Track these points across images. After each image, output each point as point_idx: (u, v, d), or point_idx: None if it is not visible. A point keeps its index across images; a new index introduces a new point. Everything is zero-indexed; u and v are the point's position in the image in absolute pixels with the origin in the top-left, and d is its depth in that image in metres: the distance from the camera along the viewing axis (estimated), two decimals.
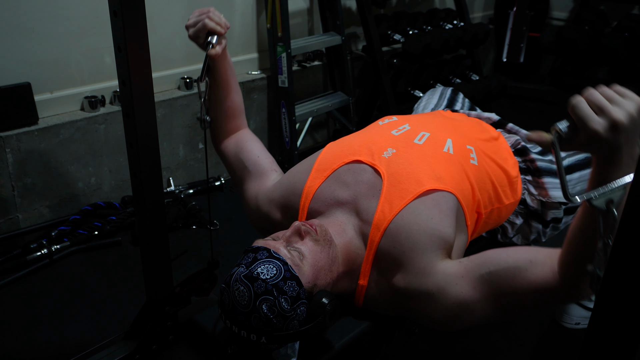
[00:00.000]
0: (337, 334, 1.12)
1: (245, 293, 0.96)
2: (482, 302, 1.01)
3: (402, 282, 1.06)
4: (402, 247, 1.06)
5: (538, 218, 1.37)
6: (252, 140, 1.39)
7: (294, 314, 0.98)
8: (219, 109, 1.35)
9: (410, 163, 1.16)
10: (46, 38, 2.03)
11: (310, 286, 1.01)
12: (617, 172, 0.78)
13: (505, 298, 1.00)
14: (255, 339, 0.98)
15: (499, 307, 1.01)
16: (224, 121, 1.38)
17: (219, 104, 1.35)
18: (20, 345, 1.61)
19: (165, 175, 2.44)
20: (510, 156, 1.36)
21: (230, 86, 1.33)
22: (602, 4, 4.09)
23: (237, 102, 1.38)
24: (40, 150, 2.04)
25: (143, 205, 1.12)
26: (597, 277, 0.72)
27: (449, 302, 1.02)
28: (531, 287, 0.96)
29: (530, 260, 0.98)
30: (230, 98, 1.35)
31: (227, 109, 1.36)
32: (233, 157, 1.38)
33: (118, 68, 1.02)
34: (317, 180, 1.20)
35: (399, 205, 1.09)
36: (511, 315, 1.04)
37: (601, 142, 0.76)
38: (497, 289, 0.99)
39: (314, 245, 1.05)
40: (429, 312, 1.05)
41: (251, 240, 1.09)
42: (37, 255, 1.94)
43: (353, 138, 1.28)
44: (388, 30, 3.15)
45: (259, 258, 1.00)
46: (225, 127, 1.39)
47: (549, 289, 0.95)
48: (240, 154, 1.36)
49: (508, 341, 1.68)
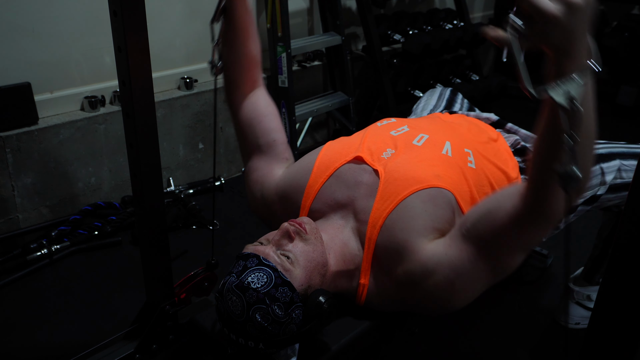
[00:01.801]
0: (337, 334, 1.12)
1: (238, 303, 0.96)
2: (472, 261, 1.01)
3: (402, 271, 1.06)
4: (397, 240, 1.07)
5: None
6: (271, 114, 1.31)
7: (289, 318, 0.98)
8: (234, 56, 1.24)
9: (409, 162, 1.16)
10: (46, 38, 2.03)
11: (304, 288, 1.01)
12: (572, 63, 0.77)
13: (489, 246, 1.00)
14: (253, 346, 0.98)
15: (489, 259, 1.01)
16: (239, 71, 1.27)
17: (234, 51, 1.23)
18: (20, 345, 1.61)
19: (165, 175, 2.44)
20: (511, 157, 1.36)
21: (249, 32, 1.23)
22: (602, 4, 4.08)
23: (254, 51, 1.26)
24: (40, 150, 2.04)
25: (143, 205, 1.12)
26: (568, 175, 0.74)
27: (444, 273, 1.02)
28: (506, 221, 0.96)
29: (497, 199, 1.00)
30: (247, 46, 1.24)
31: (242, 57, 1.25)
32: (247, 124, 1.30)
33: (118, 68, 1.02)
34: (318, 179, 1.20)
35: (394, 201, 1.10)
36: (503, 266, 1.03)
37: (556, 29, 0.75)
38: (479, 239, 1.00)
39: (304, 245, 1.05)
40: (431, 291, 1.04)
41: (251, 241, 1.09)
42: (37, 255, 1.93)
43: (353, 138, 1.29)
44: (388, 30, 3.15)
45: (249, 266, 0.99)
46: (239, 78, 1.28)
47: (523, 215, 0.95)
48: (257, 127, 1.29)
49: (508, 341, 1.68)
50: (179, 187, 2.46)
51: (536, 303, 1.85)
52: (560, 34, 0.76)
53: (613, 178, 1.35)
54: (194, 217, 2.26)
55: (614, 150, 1.39)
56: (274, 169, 1.28)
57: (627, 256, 0.59)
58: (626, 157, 1.37)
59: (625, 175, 1.35)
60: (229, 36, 1.20)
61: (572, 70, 0.77)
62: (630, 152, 1.39)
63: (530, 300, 1.85)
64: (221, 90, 1.30)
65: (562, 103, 0.74)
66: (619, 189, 1.36)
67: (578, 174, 0.73)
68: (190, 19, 2.41)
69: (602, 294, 0.62)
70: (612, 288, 0.61)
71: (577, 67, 0.77)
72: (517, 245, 1.00)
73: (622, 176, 1.35)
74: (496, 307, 1.81)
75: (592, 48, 0.79)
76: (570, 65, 0.77)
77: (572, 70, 0.77)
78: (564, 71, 0.77)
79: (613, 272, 0.61)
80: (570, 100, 0.74)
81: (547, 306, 1.82)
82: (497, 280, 1.06)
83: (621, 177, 1.36)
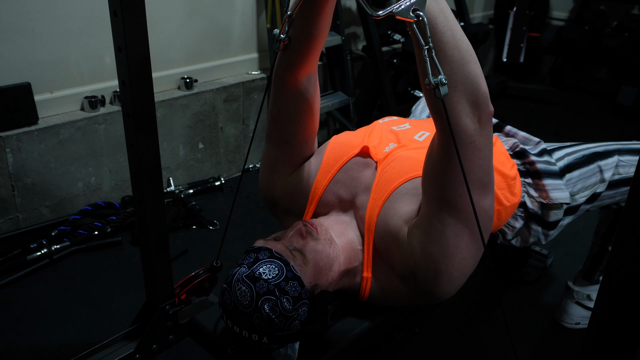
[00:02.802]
0: (338, 333, 1.12)
1: (247, 293, 0.96)
2: (446, 216, 1.00)
3: (398, 259, 1.07)
4: (390, 227, 1.08)
5: (538, 220, 1.37)
6: (316, 112, 1.23)
7: (296, 314, 0.98)
8: (303, 33, 1.07)
9: (409, 156, 1.18)
10: (46, 38, 2.03)
11: (312, 286, 1.02)
12: None
13: (446, 197, 0.98)
14: (256, 339, 0.98)
15: (454, 210, 0.99)
16: (302, 50, 1.09)
17: (306, 27, 1.06)
18: (20, 345, 1.61)
19: (165, 175, 2.44)
20: (508, 159, 1.36)
21: (326, 11, 1.06)
22: (602, 4, 4.09)
23: (324, 33, 1.10)
24: (40, 150, 2.04)
25: (143, 205, 1.12)
26: (435, 83, 0.83)
27: (426, 245, 1.02)
28: (438, 164, 0.97)
29: (428, 152, 1.01)
30: (321, 25, 1.08)
31: (311, 36, 1.08)
32: (289, 109, 1.19)
33: (118, 68, 1.02)
34: (324, 176, 1.21)
35: (387, 190, 1.11)
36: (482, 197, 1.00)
37: None
38: (437, 198, 1.00)
39: (315, 244, 1.06)
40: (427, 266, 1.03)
41: (251, 241, 1.10)
42: (37, 255, 1.93)
43: (357, 133, 1.31)
44: (388, 30, 3.15)
45: (260, 258, 1.00)
46: (300, 57, 1.11)
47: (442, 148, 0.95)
48: (303, 115, 1.19)
49: (508, 341, 1.68)
50: (179, 187, 2.46)
51: (536, 303, 1.85)
52: None
53: (612, 175, 1.37)
54: (194, 217, 2.26)
55: (610, 148, 1.41)
56: (289, 168, 1.26)
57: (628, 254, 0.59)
58: (623, 153, 1.39)
59: (622, 170, 1.37)
60: (306, 10, 1.04)
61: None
62: (627, 148, 1.41)
63: (530, 300, 1.85)
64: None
65: (407, 16, 0.82)
66: (618, 185, 1.38)
67: (442, 80, 0.83)
68: (190, 19, 2.41)
69: (602, 293, 0.62)
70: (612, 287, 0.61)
71: None
72: (462, 182, 0.94)
73: (619, 172, 1.37)
74: (496, 307, 1.81)
75: None
76: None
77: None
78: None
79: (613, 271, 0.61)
80: (415, 13, 0.82)
81: (547, 306, 1.82)
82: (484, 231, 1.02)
83: (619, 172, 1.37)
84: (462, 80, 0.90)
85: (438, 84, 0.83)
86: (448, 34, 0.88)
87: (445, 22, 0.88)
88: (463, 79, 0.90)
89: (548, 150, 1.41)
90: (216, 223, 2.26)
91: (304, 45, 1.09)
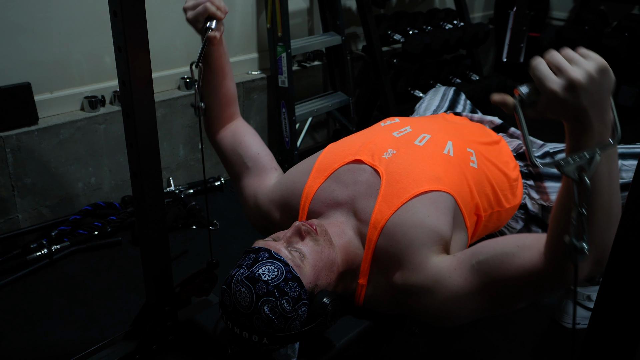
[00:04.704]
0: (337, 334, 1.12)
1: (247, 294, 0.96)
2: (474, 293, 1.00)
3: (400, 279, 1.06)
4: (399, 245, 1.06)
5: (538, 222, 1.37)
6: (250, 134, 1.37)
7: (296, 314, 0.98)
8: (213, 96, 1.32)
9: (410, 163, 1.16)
10: (46, 38, 2.03)
11: (312, 287, 1.02)
12: (588, 138, 0.76)
13: (495, 286, 0.98)
14: (257, 340, 0.98)
15: (490, 297, 0.99)
16: (219, 109, 1.34)
17: (213, 91, 1.31)
18: (20, 345, 1.61)
19: (165, 175, 2.44)
20: (511, 159, 1.36)
21: (225, 72, 1.31)
22: (602, 4, 4.09)
23: (231, 89, 1.35)
24: (40, 150, 2.04)
25: (143, 205, 1.12)
26: (574, 248, 0.72)
27: (444, 295, 1.02)
28: (519, 271, 0.94)
29: (517, 245, 0.97)
30: (225, 85, 1.32)
31: (222, 96, 1.33)
32: (230, 149, 1.35)
33: (118, 68, 1.02)
34: (317, 180, 1.20)
35: (396, 204, 1.10)
36: (504, 307, 1.02)
37: (562, 105, 0.74)
38: (487, 277, 0.98)
39: (314, 245, 1.06)
40: (427, 306, 1.05)
41: (251, 241, 1.09)
42: (37, 255, 1.93)
43: (354, 138, 1.29)
44: (388, 30, 3.15)
45: (260, 259, 1.00)
46: (220, 115, 1.35)
47: (536, 272, 0.93)
48: (239, 148, 1.34)
49: (508, 341, 1.68)
50: (179, 187, 2.46)
51: (536, 303, 1.85)
52: (564, 109, 0.74)
53: None
54: (194, 217, 2.26)
55: None
56: (265, 180, 1.30)
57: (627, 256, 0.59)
58: (626, 157, 1.38)
59: (625, 175, 1.36)
60: (208, 78, 1.27)
61: (587, 145, 0.75)
62: (629, 152, 1.39)
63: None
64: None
65: (571, 176, 0.72)
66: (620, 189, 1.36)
67: (584, 248, 0.71)
68: None
69: (602, 294, 0.62)
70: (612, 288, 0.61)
71: (593, 142, 0.75)
72: (522, 294, 0.98)
73: (622, 176, 1.36)
74: None
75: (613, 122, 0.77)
76: (587, 141, 0.76)
77: (587, 145, 0.75)
78: (579, 145, 0.76)
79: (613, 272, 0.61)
80: (580, 172, 0.72)
81: (547, 306, 1.82)
82: (493, 314, 1.05)
83: (621, 177, 1.36)
84: (599, 245, 0.85)
85: (578, 249, 0.73)
86: (605, 198, 0.82)
87: (608, 186, 0.82)
88: (601, 244, 0.85)
89: (551, 153, 1.41)
90: (216, 223, 2.26)
91: (219, 103, 1.33)
